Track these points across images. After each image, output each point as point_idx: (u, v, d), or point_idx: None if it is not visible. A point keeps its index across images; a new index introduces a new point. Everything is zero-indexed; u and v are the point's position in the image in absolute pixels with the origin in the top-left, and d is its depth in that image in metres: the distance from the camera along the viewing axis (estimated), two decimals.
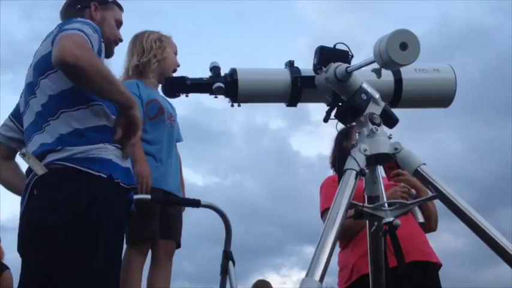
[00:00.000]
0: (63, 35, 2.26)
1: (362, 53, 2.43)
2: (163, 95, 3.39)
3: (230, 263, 3.17)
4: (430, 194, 2.25)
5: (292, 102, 2.47)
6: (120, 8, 2.84)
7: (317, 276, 1.84)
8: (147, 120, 3.23)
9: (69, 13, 2.69)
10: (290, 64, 2.48)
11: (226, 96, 2.41)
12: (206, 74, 2.40)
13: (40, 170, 2.27)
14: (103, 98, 2.32)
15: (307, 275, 1.86)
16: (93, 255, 2.17)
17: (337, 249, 2.97)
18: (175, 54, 3.49)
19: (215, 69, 2.38)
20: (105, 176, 2.23)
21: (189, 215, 3.58)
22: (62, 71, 2.22)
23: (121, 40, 2.80)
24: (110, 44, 2.72)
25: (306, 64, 2.50)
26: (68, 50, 2.18)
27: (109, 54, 2.76)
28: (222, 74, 2.39)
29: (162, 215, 3.21)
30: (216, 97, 2.39)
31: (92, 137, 2.29)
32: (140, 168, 3.05)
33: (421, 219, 2.98)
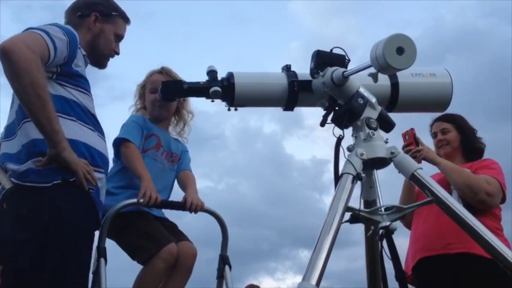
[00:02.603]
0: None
1: (355, 56, 2.44)
2: (172, 133, 3.42)
3: (226, 267, 3.14)
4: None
5: (289, 106, 2.48)
6: (127, 21, 2.81)
7: (314, 280, 1.84)
8: (141, 153, 3.23)
9: (69, 18, 2.70)
10: (287, 68, 2.48)
11: (223, 100, 2.41)
12: (198, 77, 2.41)
13: (7, 183, 2.31)
14: (28, 113, 2.27)
15: (303, 279, 1.86)
16: (62, 268, 2.22)
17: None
18: (154, 91, 3.40)
19: (212, 73, 2.38)
20: (60, 181, 2.28)
21: (183, 219, 3.56)
22: None
23: (117, 53, 2.78)
24: (104, 56, 2.72)
25: (298, 68, 2.52)
26: (11, 39, 2.21)
27: (101, 65, 2.76)
28: (219, 78, 2.39)
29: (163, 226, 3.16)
30: (213, 101, 2.39)
31: (33, 151, 2.32)
32: (147, 183, 2.97)
33: None
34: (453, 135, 3.58)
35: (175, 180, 3.40)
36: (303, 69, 2.48)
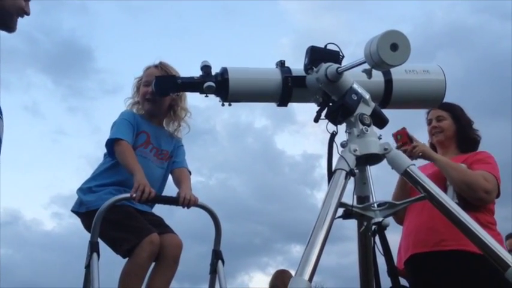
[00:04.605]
0: None
1: (346, 52, 2.44)
2: (167, 128, 3.42)
3: (220, 262, 3.15)
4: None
5: (282, 102, 2.47)
6: None
7: (306, 276, 1.85)
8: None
9: None
10: (281, 64, 2.48)
11: (217, 95, 2.41)
12: (190, 72, 2.40)
13: None
14: None
15: (296, 274, 1.86)
16: None
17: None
18: (147, 84, 3.36)
19: (206, 68, 2.37)
20: None
21: (175, 213, 3.57)
22: None
23: (27, 13, 2.54)
24: (10, 16, 2.49)
25: (288, 63, 2.51)
26: None
27: (9, 27, 2.53)
28: (213, 73, 2.39)
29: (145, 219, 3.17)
30: (206, 96, 2.39)
31: None
32: (140, 177, 3.00)
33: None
34: (448, 124, 3.55)
35: (170, 177, 3.40)
36: (293, 65, 2.49)
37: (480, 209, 3.27)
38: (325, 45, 2.40)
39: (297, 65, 2.46)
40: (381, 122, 2.35)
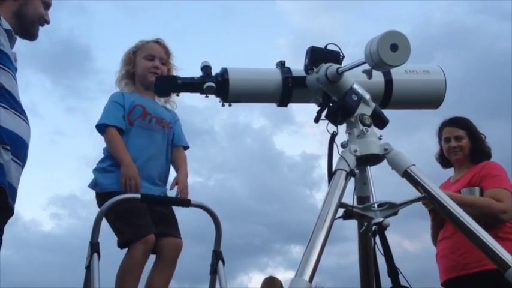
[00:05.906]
0: None
1: (344, 53, 2.44)
2: (159, 102, 3.50)
3: (220, 262, 3.15)
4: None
5: (283, 102, 2.47)
6: None
7: (306, 276, 1.84)
8: (129, 126, 3.33)
9: None
10: (281, 64, 2.48)
11: (217, 95, 2.41)
12: (188, 72, 2.41)
13: None
14: None
15: (296, 274, 1.86)
16: None
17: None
18: (151, 58, 3.45)
19: (206, 68, 2.37)
20: None
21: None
22: None
23: (47, 22, 2.68)
24: (33, 24, 2.62)
25: (287, 64, 2.51)
26: None
27: (31, 35, 2.65)
28: (213, 73, 2.39)
29: (150, 213, 3.19)
30: (207, 96, 2.39)
31: None
32: (125, 169, 3.10)
33: None
34: (466, 142, 3.71)
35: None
36: (291, 65, 2.49)
37: (498, 225, 3.35)
38: (325, 46, 2.41)
39: (294, 66, 2.47)
40: (381, 122, 2.35)
